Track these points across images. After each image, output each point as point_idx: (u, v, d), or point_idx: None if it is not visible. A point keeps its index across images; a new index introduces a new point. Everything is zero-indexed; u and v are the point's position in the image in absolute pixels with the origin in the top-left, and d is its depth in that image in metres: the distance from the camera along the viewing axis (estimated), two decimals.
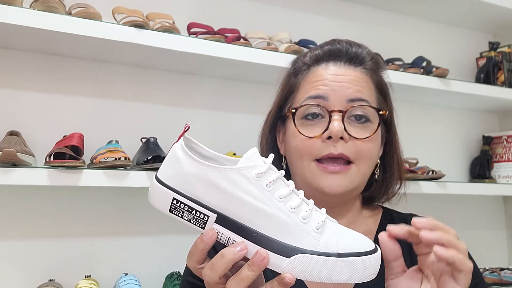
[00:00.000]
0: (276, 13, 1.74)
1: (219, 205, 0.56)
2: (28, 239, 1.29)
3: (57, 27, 1.15)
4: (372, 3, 1.91)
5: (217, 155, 0.62)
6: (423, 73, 1.72)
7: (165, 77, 1.51)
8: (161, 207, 0.58)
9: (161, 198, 0.58)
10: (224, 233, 0.56)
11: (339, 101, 0.75)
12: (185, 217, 0.57)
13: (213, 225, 0.56)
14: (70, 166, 1.13)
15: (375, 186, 0.84)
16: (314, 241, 0.55)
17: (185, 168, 0.56)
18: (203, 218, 0.56)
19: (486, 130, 2.13)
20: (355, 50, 0.80)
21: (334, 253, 0.55)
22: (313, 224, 0.56)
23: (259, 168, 0.56)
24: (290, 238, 0.55)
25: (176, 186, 0.57)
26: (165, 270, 1.36)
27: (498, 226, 2.11)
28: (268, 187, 0.56)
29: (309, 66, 0.81)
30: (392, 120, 0.84)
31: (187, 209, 0.56)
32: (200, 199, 0.56)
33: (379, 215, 0.86)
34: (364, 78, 0.79)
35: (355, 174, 0.75)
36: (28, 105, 1.32)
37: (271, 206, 0.55)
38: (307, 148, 0.75)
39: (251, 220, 0.55)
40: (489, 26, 2.15)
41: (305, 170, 0.76)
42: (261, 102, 0.92)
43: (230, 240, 0.56)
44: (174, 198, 0.57)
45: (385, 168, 0.84)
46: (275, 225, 0.55)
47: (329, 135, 0.73)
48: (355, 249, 0.55)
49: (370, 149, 0.76)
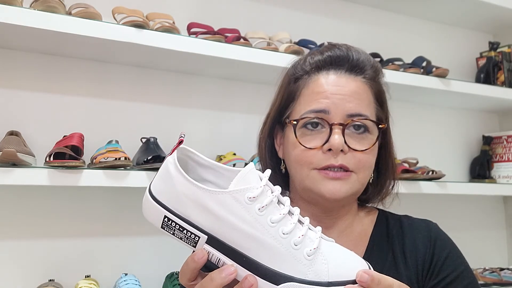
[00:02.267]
0: (276, 13, 1.74)
1: (210, 227, 0.55)
2: (28, 239, 1.29)
3: (57, 27, 1.15)
4: (372, 3, 1.91)
5: (215, 164, 0.61)
6: (423, 73, 1.72)
7: (165, 77, 1.51)
8: (153, 221, 0.58)
9: (153, 214, 0.58)
10: (214, 254, 0.56)
11: (340, 115, 0.76)
12: (176, 235, 0.57)
13: (204, 246, 0.56)
14: (70, 166, 1.13)
15: (371, 190, 0.86)
16: (305, 268, 0.54)
17: (177, 187, 0.56)
18: (194, 238, 0.56)
19: (486, 130, 2.13)
20: (356, 58, 0.81)
21: (323, 282, 0.53)
22: (305, 250, 0.55)
23: (252, 192, 0.55)
24: (280, 265, 0.54)
25: (168, 204, 0.57)
26: (165, 270, 1.36)
27: (498, 226, 2.11)
28: (261, 211, 0.55)
29: (310, 73, 0.82)
30: (388, 126, 0.86)
31: (178, 228, 0.56)
32: (192, 220, 0.56)
33: (375, 216, 0.88)
34: (364, 89, 0.80)
35: (355, 182, 0.77)
36: (28, 105, 1.32)
37: (262, 232, 0.54)
38: (307, 159, 0.77)
39: (242, 244, 0.54)
40: (489, 26, 2.15)
41: (304, 177, 0.78)
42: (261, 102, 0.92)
43: (220, 261, 0.56)
44: (166, 216, 0.56)
45: (380, 172, 0.86)
46: (265, 251, 0.54)
47: (330, 147, 0.75)
48: (347, 276, 0.54)
49: (369, 160, 0.78)
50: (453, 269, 0.79)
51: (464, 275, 0.79)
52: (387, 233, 0.84)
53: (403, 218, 0.87)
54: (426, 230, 0.83)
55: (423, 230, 0.83)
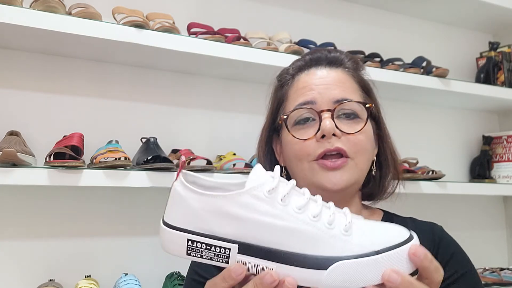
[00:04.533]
0: (276, 13, 1.74)
1: (237, 234, 0.52)
2: (28, 239, 1.29)
3: (57, 27, 1.15)
4: (372, 3, 1.91)
5: (221, 183, 0.58)
6: (423, 73, 1.72)
7: (165, 77, 1.51)
8: (177, 252, 0.53)
9: (175, 243, 0.53)
10: (251, 262, 0.52)
11: (326, 103, 0.79)
12: (205, 256, 0.53)
13: (237, 257, 0.52)
14: (70, 166, 1.13)
15: (372, 183, 0.86)
16: (347, 244, 0.51)
17: (192, 205, 0.53)
18: (224, 252, 0.52)
19: (486, 130, 2.13)
20: (333, 54, 0.85)
21: (371, 252, 0.50)
22: (341, 227, 0.52)
23: (269, 185, 0.52)
24: (321, 249, 0.51)
25: (187, 226, 0.53)
26: (165, 270, 1.36)
27: (498, 226, 2.11)
28: (283, 201, 0.52)
29: (293, 75, 0.86)
30: (379, 115, 0.87)
31: (205, 248, 0.52)
32: (216, 233, 0.52)
33: (380, 217, 0.88)
34: (346, 78, 0.83)
35: (353, 168, 0.78)
36: (28, 105, 1.32)
37: (292, 221, 0.51)
38: (304, 150, 0.78)
39: (276, 241, 0.51)
40: (489, 26, 2.15)
41: (305, 171, 0.78)
42: (261, 102, 0.92)
43: (259, 267, 0.51)
44: (189, 239, 0.52)
45: (381, 164, 0.86)
46: (302, 239, 0.51)
47: (322, 133, 0.76)
48: (391, 242, 0.51)
49: (363, 142, 0.79)
50: (456, 270, 0.78)
51: (468, 276, 0.79)
52: None
53: (408, 220, 0.87)
54: (431, 233, 0.83)
55: (427, 233, 0.83)
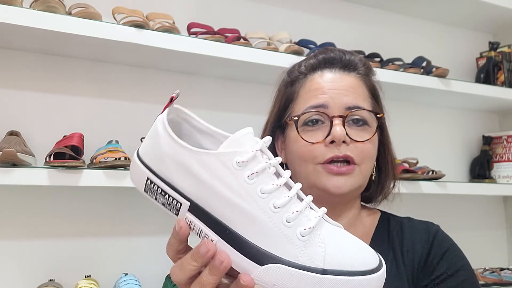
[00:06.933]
0: (276, 13, 1.74)
1: (193, 193, 0.49)
2: (28, 239, 1.29)
3: (57, 27, 1.15)
4: (372, 3, 1.91)
5: (214, 130, 0.56)
6: (423, 73, 1.72)
7: (165, 77, 1.51)
8: (137, 185, 0.53)
9: (138, 176, 0.53)
10: (196, 224, 0.50)
11: (338, 108, 0.79)
12: (159, 200, 0.52)
13: (186, 214, 0.50)
14: (70, 166, 1.13)
15: (373, 187, 0.87)
16: (296, 250, 0.47)
17: (162, 147, 0.51)
18: (176, 204, 0.50)
19: (486, 130, 2.13)
20: (348, 57, 0.84)
21: (317, 269, 0.46)
22: (299, 229, 0.48)
23: (242, 156, 0.49)
24: (267, 243, 0.47)
25: (151, 165, 0.52)
26: (165, 270, 1.36)
27: (498, 226, 2.11)
28: (250, 179, 0.48)
29: (305, 74, 0.85)
30: (384, 122, 0.88)
31: (160, 192, 0.51)
32: (174, 184, 0.50)
33: (377, 217, 0.88)
34: (358, 84, 0.83)
35: (358, 175, 0.78)
36: (28, 105, 1.32)
37: (249, 203, 0.48)
38: (311, 153, 0.78)
39: (227, 215, 0.48)
40: (489, 26, 2.15)
41: (309, 173, 0.79)
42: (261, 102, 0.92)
43: (202, 233, 0.50)
44: (148, 178, 0.51)
45: (380, 169, 0.87)
46: (252, 225, 0.47)
47: (332, 139, 0.76)
48: (348, 266, 0.47)
49: (370, 150, 0.80)
50: (449, 266, 0.79)
51: (461, 272, 0.79)
52: (388, 233, 0.84)
53: (405, 219, 0.88)
54: (425, 231, 0.84)
55: (422, 231, 0.84)
